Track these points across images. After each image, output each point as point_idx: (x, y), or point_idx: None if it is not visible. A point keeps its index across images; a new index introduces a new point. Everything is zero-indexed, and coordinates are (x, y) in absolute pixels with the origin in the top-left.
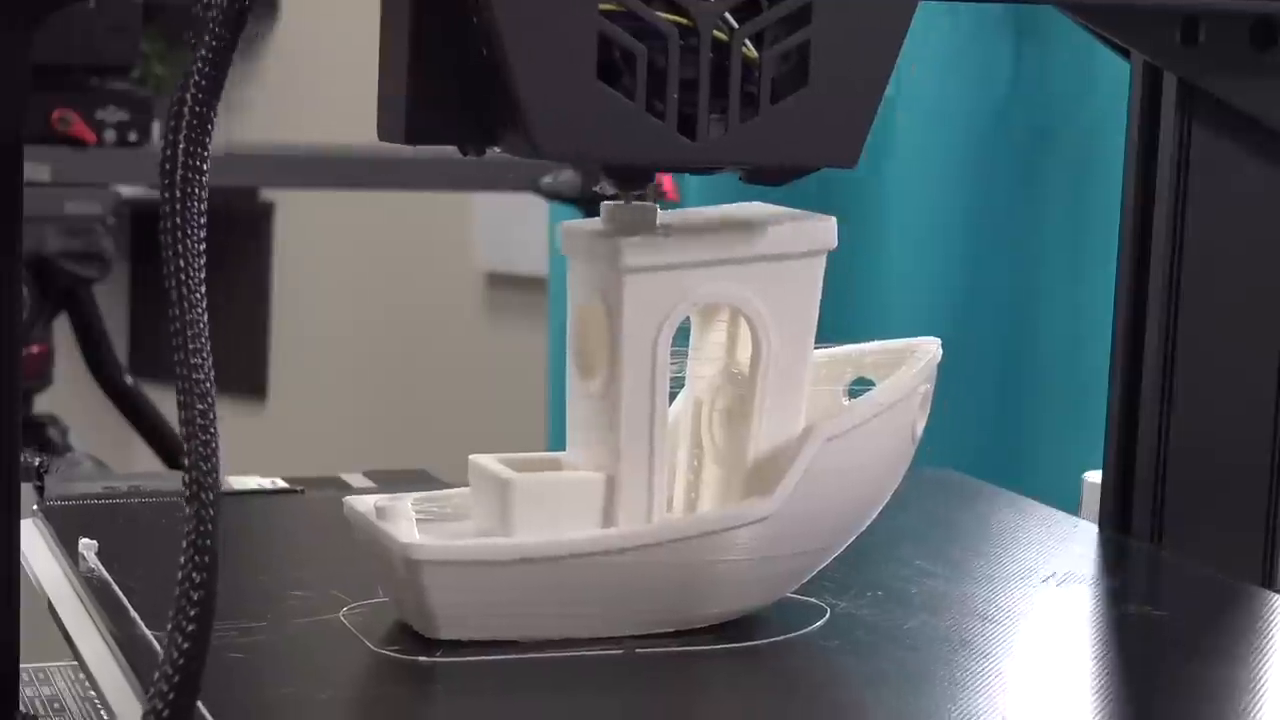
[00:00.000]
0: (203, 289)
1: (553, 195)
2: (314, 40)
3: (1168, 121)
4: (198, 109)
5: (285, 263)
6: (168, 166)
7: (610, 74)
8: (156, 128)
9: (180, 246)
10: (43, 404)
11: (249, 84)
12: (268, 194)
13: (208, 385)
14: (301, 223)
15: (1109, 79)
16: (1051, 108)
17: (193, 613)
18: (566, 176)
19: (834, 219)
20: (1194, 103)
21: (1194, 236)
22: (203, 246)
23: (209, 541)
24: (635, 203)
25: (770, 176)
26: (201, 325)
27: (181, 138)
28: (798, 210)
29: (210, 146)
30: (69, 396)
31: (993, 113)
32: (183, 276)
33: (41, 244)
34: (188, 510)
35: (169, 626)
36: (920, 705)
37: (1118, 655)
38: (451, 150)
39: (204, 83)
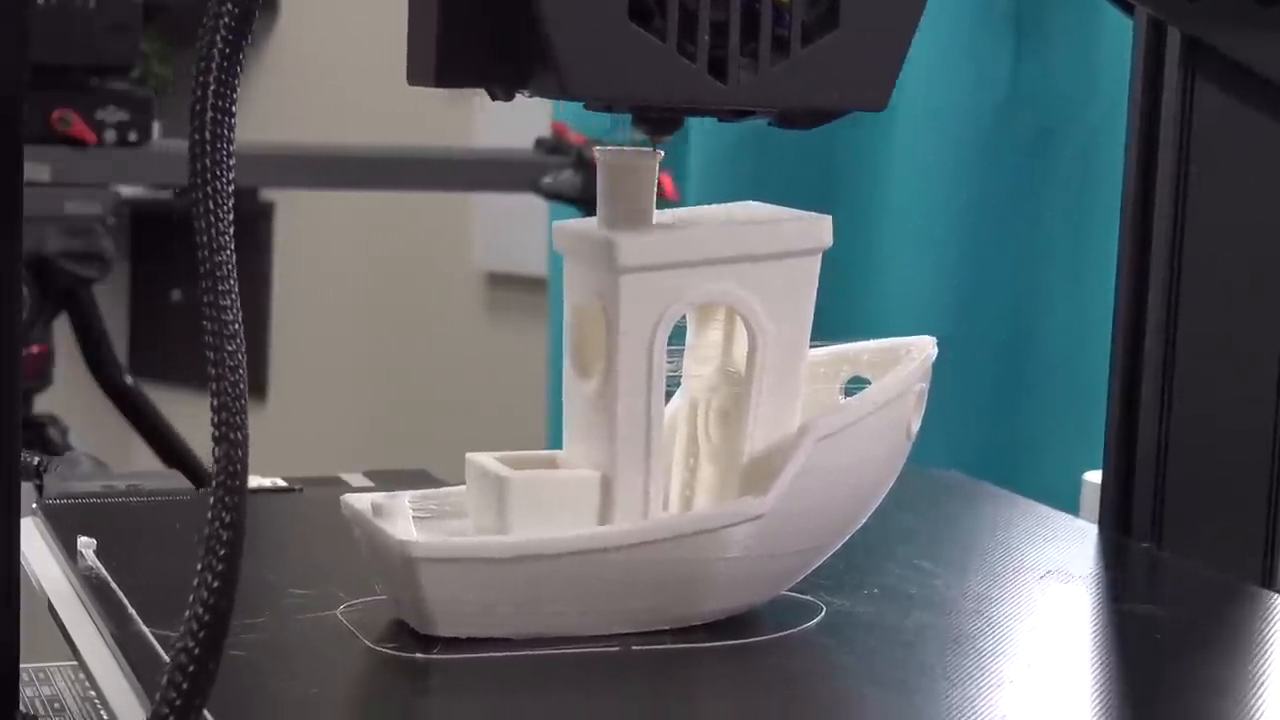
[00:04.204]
0: (230, 231)
1: (553, 195)
2: (314, 40)
3: (1171, 78)
4: (227, 49)
5: (285, 263)
6: (197, 108)
7: (642, 15)
8: (157, 128)
9: (210, 188)
10: (43, 404)
11: (249, 84)
12: (268, 194)
13: (236, 326)
14: (301, 223)
15: (1109, 78)
16: (1052, 107)
17: (216, 584)
18: (566, 176)
19: (829, 217)
20: (1198, 58)
21: (1197, 202)
22: (231, 189)
23: (238, 482)
24: (633, 149)
25: (800, 120)
26: (230, 268)
27: (212, 79)
28: (793, 210)
29: (238, 94)
30: (69, 396)
31: (993, 113)
32: (212, 218)
33: (41, 244)
34: (215, 452)
35: (190, 599)
36: (916, 703)
37: (1117, 655)
38: (451, 150)
39: (233, 23)
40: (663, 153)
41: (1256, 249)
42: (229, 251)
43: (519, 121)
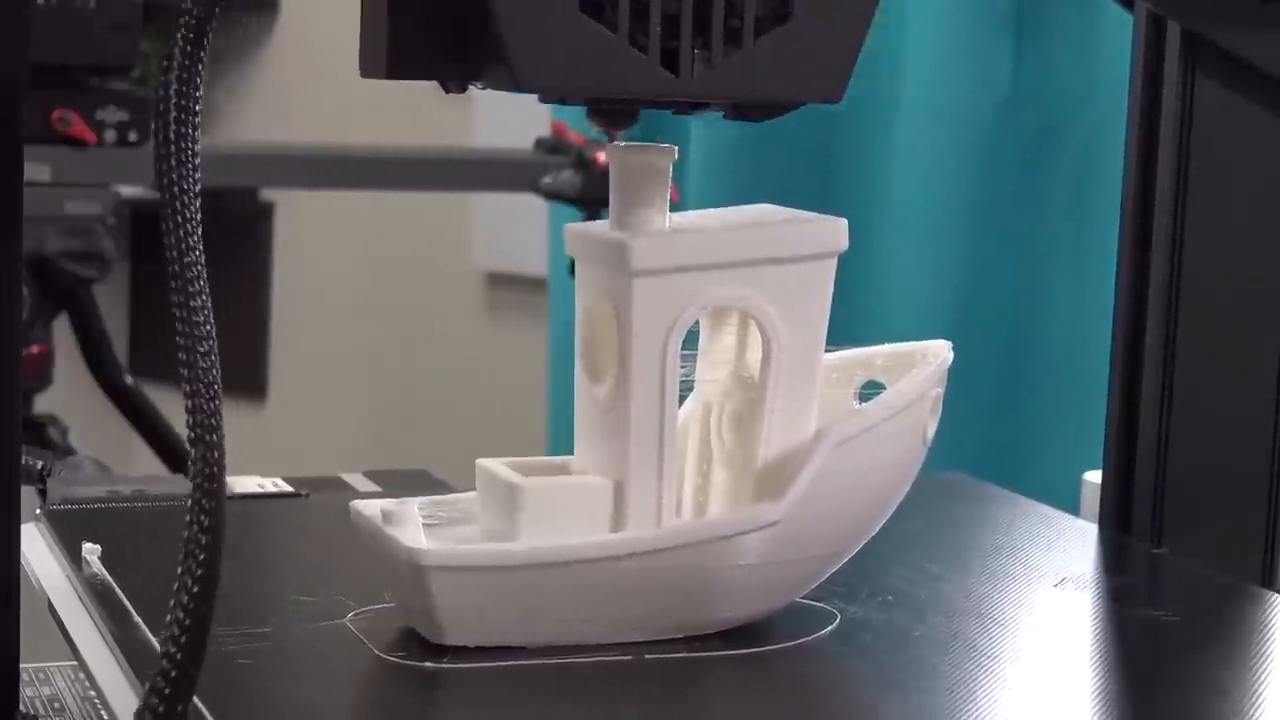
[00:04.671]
0: (199, 232)
1: (552, 195)
2: (314, 40)
3: (1171, 73)
4: (189, 48)
5: (285, 263)
6: (161, 108)
7: (593, 7)
8: None
9: (177, 188)
10: (43, 404)
11: (249, 83)
12: (268, 194)
13: (208, 328)
14: (301, 223)
15: (1109, 77)
16: (1052, 107)
17: (195, 589)
18: (566, 176)
19: (844, 221)
20: (1198, 54)
21: (1197, 199)
22: (198, 189)
23: (215, 485)
24: (647, 145)
25: (753, 113)
26: (199, 269)
27: (174, 79)
28: (807, 212)
29: (202, 92)
30: (69, 396)
31: (993, 112)
32: (180, 219)
33: (41, 244)
34: (192, 453)
35: (171, 603)
36: (931, 710)
37: (1122, 657)
38: (451, 150)
39: (192, 32)
40: (676, 148)
41: (1257, 247)
42: (198, 253)
43: (519, 121)
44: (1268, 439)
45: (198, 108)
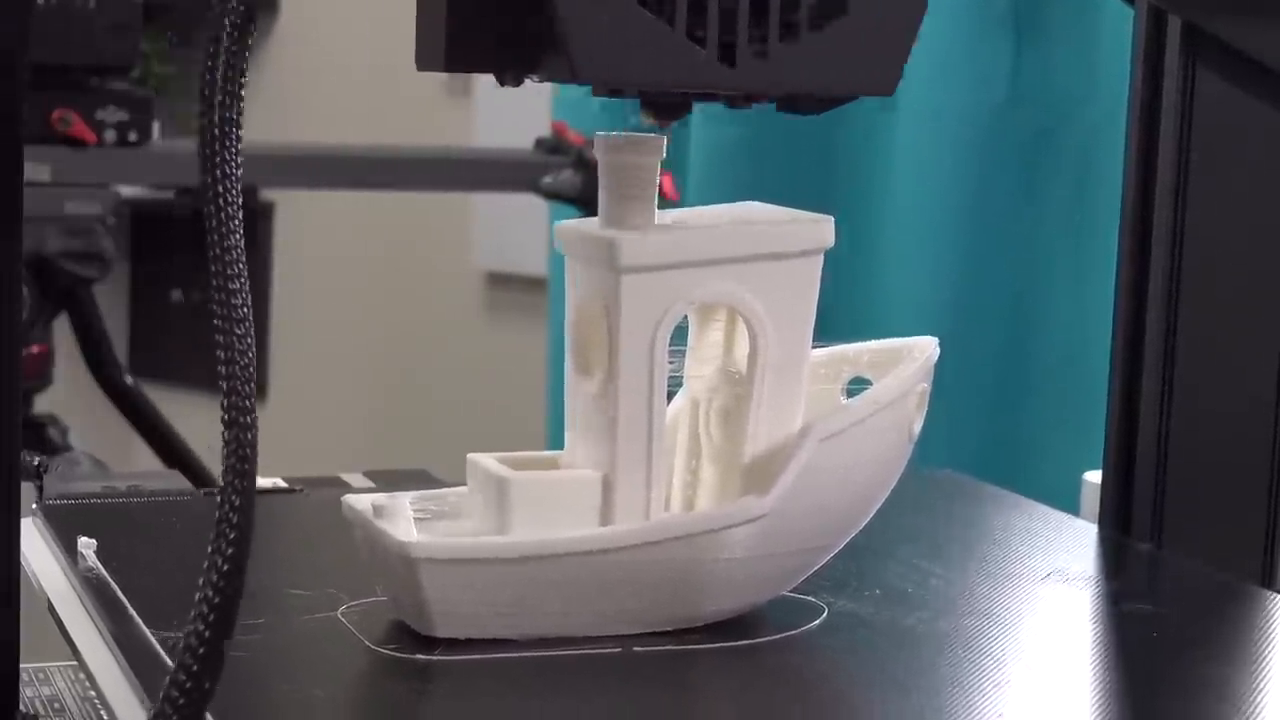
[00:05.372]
0: (240, 217)
1: (552, 195)
2: (314, 40)
3: (1172, 65)
4: (235, 32)
5: (285, 263)
6: (206, 92)
7: (651, 0)
8: (156, 128)
9: (220, 171)
10: (43, 404)
11: (249, 84)
12: (268, 194)
13: (245, 310)
14: (301, 223)
15: (1109, 77)
16: (1052, 108)
17: (226, 567)
18: (566, 176)
19: (831, 218)
20: (1198, 46)
21: (1198, 194)
22: (240, 173)
23: (248, 466)
24: (635, 138)
25: (807, 106)
26: (239, 253)
27: (221, 63)
28: (795, 210)
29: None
30: (69, 396)
31: (993, 112)
32: (222, 202)
33: (41, 244)
34: (225, 435)
35: (200, 581)
36: (917, 704)
37: (1117, 655)
38: (451, 150)
39: (240, 17)
40: (665, 140)
41: (1258, 243)
42: (238, 236)
43: (519, 121)
44: (1268, 439)
45: (243, 93)
